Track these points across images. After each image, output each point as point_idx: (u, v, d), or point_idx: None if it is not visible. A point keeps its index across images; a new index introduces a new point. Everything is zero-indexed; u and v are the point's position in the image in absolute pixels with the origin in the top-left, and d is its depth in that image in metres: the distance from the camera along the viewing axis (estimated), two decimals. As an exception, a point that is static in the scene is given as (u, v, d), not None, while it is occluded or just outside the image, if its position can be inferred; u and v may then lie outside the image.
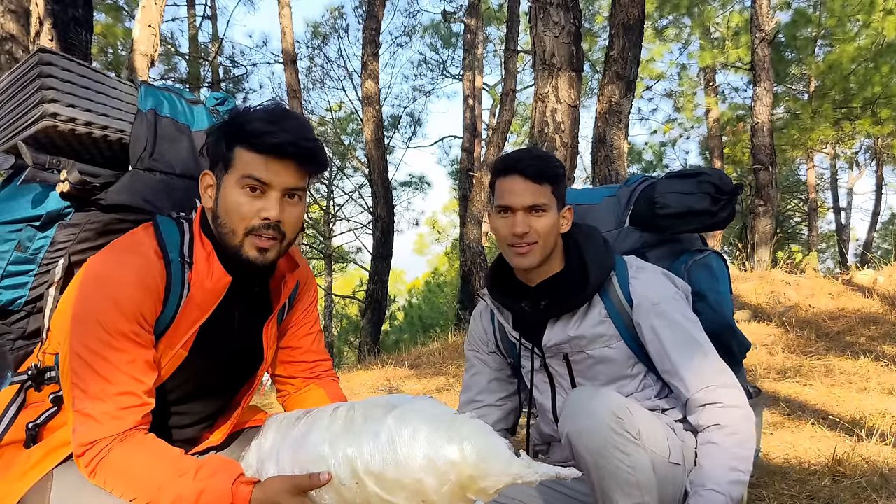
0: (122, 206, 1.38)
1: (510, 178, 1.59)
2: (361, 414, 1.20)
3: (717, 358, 1.56)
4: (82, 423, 1.15)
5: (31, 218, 1.37)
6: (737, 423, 1.47)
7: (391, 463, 1.10)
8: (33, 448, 1.24)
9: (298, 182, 1.27)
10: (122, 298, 1.18)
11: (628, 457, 1.33)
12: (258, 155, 1.23)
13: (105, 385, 1.16)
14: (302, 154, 1.25)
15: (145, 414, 1.20)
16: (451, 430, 1.11)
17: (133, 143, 1.42)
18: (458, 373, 5.36)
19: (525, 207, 1.57)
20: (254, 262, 1.27)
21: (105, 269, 1.22)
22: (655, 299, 1.59)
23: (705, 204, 1.77)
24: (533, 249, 1.59)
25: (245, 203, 1.24)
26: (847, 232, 20.43)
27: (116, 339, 1.17)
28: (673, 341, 1.56)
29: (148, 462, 1.16)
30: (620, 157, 5.66)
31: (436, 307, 21.46)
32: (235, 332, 1.38)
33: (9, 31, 4.48)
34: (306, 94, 18.47)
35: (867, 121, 12.37)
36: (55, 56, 1.35)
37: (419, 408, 1.17)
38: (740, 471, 1.43)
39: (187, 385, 1.35)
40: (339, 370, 7.40)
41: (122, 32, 12.44)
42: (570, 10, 4.65)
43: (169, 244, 1.27)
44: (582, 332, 1.61)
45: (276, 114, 1.26)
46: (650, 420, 1.46)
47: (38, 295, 1.37)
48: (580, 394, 1.44)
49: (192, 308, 1.27)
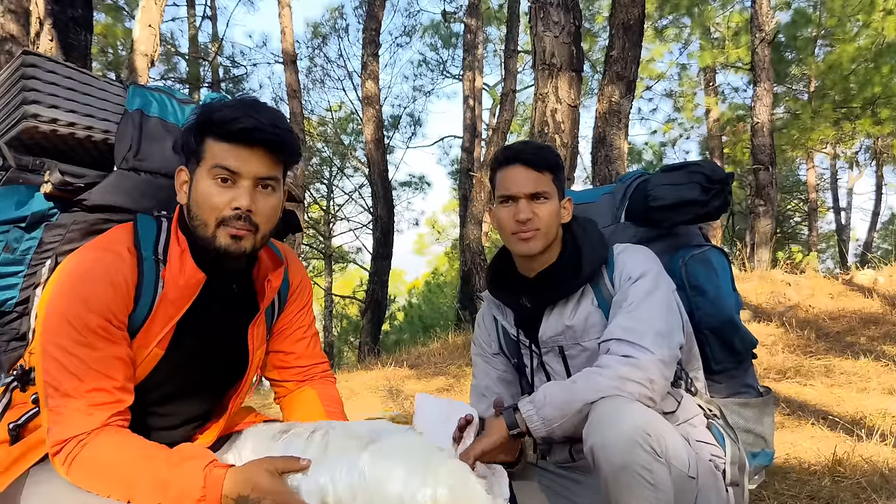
0: (106, 207, 1.38)
1: (512, 167, 1.62)
2: (338, 443, 1.19)
3: (655, 326, 1.52)
4: (55, 422, 1.16)
5: (16, 219, 1.37)
6: (618, 376, 1.44)
7: (363, 499, 1.09)
8: (14, 447, 1.25)
9: (270, 171, 1.25)
10: (90, 295, 1.18)
11: (651, 473, 1.31)
12: (226, 144, 1.22)
13: (76, 383, 1.16)
14: (270, 140, 1.23)
15: (120, 411, 1.20)
16: (428, 471, 1.10)
17: (118, 143, 1.41)
18: (458, 373, 5.36)
19: (528, 195, 1.60)
20: (228, 251, 1.24)
21: (76, 266, 1.22)
22: (633, 274, 1.59)
23: (696, 193, 1.77)
24: (536, 235, 1.60)
25: (215, 194, 1.22)
26: (847, 232, 20.46)
27: (86, 335, 1.17)
28: (626, 300, 1.55)
29: (119, 455, 1.16)
30: (620, 157, 5.66)
31: (436, 307, 21.47)
32: (215, 330, 1.36)
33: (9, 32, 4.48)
34: (306, 94, 18.51)
35: (867, 121, 12.36)
36: (39, 58, 1.35)
37: (398, 442, 1.15)
38: (568, 410, 1.44)
39: (167, 384, 1.33)
40: (338, 370, 7.40)
41: (122, 32, 12.44)
42: (570, 10, 4.65)
43: (143, 241, 1.26)
44: (575, 322, 1.62)
45: (244, 102, 1.25)
46: (672, 433, 1.44)
47: (28, 296, 1.38)
48: (608, 405, 1.41)
49: (167, 305, 1.26)
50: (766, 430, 1.79)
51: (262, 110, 1.24)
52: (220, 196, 1.22)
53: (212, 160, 1.23)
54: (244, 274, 1.40)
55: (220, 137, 1.22)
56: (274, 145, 1.24)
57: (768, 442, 1.79)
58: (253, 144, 1.22)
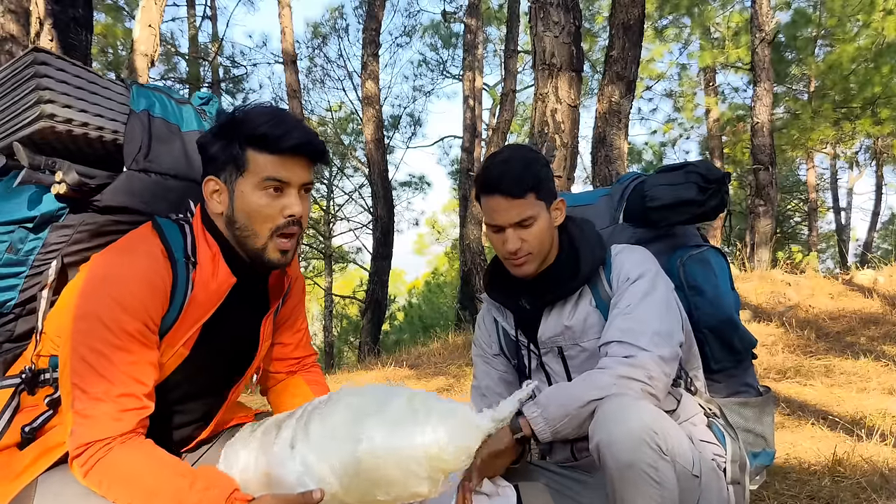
0: (119, 208, 1.37)
1: (493, 198, 1.59)
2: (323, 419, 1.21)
3: (652, 327, 1.52)
4: (81, 424, 1.15)
5: (24, 220, 1.36)
6: (618, 375, 1.45)
7: (359, 464, 1.12)
8: (25, 450, 1.23)
9: (310, 176, 1.33)
10: (127, 298, 1.18)
11: (657, 471, 1.32)
12: (275, 156, 1.27)
13: (107, 386, 1.16)
14: (315, 152, 1.31)
15: (143, 417, 1.20)
16: (417, 419, 1.14)
17: (127, 143, 1.41)
18: (458, 373, 5.36)
19: (512, 224, 1.58)
20: (276, 264, 1.32)
21: (111, 269, 1.22)
22: (631, 275, 1.59)
23: (692, 193, 1.78)
24: (528, 260, 1.61)
25: (268, 204, 1.28)
26: (847, 232, 20.45)
27: (121, 338, 1.17)
28: (623, 302, 1.56)
29: (145, 465, 1.15)
30: (620, 158, 5.66)
31: (436, 307, 21.47)
32: (235, 329, 1.38)
33: (9, 32, 4.48)
34: (306, 94, 18.51)
35: (867, 121, 12.36)
36: (50, 56, 1.33)
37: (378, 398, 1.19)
38: (572, 408, 1.45)
39: (187, 384, 1.35)
40: (339, 370, 7.40)
41: (122, 32, 12.44)
42: (570, 10, 4.65)
43: (174, 245, 1.27)
44: (574, 323, 1.62)
45: (278, 115, 1.29)
46: (677, 431, 1.44)
47: (29, 297, 1.36)
48: (615, 402, 1.42)
49: (195, 307, 1.28)
50: (767, 430, 1.79)
51: (296, 122, 1.31)
52: (272, 206, 1.28)
53: (262, 172, 1.27)
54: (267, 274, 1.43)
55: (269, 151, 1.26)
56: (317, 155, 1.32)
57: (769, 441, 1.79)
58: (299, 155, 1.29)
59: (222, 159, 1.29)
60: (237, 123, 1.28)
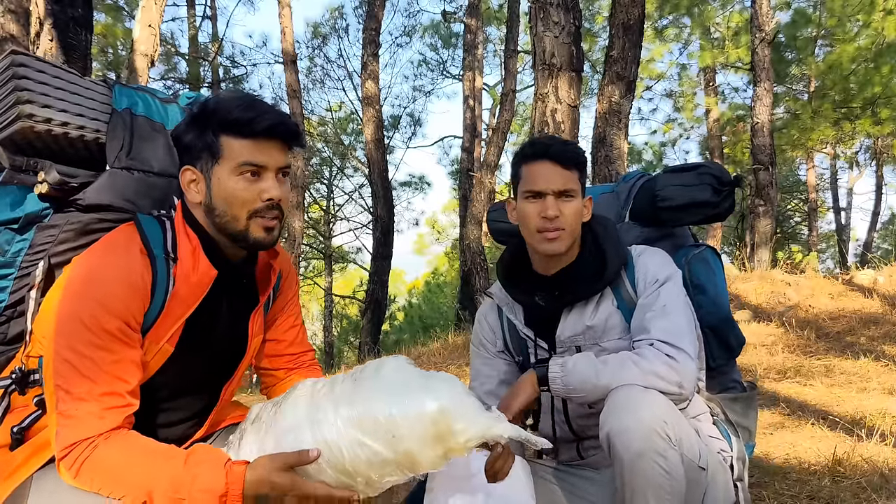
0: (103, 206, 1.37)
1: (540, 163, 1.60)
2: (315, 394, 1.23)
3: (689, 330, 1.54)
4: (65, 425, 1.14)
5: (8, 221, 1.36)
6: (654, 372, 1.44)
7: (356, 431, 1.13)
8: (17, 450, 1.23)
9: (287, 160, 1.32)
10: (107, 297, 1.18)
11: (666, 460, 1.33)
12: (249, 140, 1.26)
13: (90, 385, 1.15)
14: (288, 133, 1.30)
15: (128, 415, 1.20)
16: (416, 389, 1.16)
17: (110, 142, 1.41)
18: (458, 373, 5.36)
19: (556, 192, 1.58)
20: (262, 242, 1.30)
21: (90, 269, 1.21)
22: (660, 277, 1.60)
23: (707, 195, 1.80)
24: (562, 235, 1.59)
25: (245, 188, 1.26)
26: (847, 232, 20.46)
27: (102, 338, 1.17)
28: (658, 302, 1.56)
29: (135, 455, 1.15)
30: (620, 157, 5.66)
31: (436, 307, 21.45)
32: (222, 324, 1.38)
33: (9, 32, 4.48)
34: (306, 94, 18.51)
35: (867, 121, 12.36)
36: (28, 57, 1.34)
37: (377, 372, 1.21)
38: (591, 388, 1.48)
39: (175, 381, 1.34)
40: (339, 370, 7.40)
41: (122, 32, 12.44)
42: (570, 10, 4.65)
43: (152, 241, 1.26)
44: (596, 322, 1.62)
45: (249, 100, 1.29)
46: (685, 423, 1.46)
47: (19, 299, 1.35)
48: (626, 392, 1.42)
49: (178, 303, 1.27)
50: (751, 424, 1.83)
51: (268, 106, 1.30)
52: (250, 190, 1.27)
53: (237, 158, 1.26)
54: (249, 266, 1.42)
55: (242, 135, 1.26)
56: (291, 136, 1.31)
57: (752, 434, 1.84)
58: (273, 138, 1.27)
59: (197, 148, 1.28)
60: (210, 111, 1.27)
